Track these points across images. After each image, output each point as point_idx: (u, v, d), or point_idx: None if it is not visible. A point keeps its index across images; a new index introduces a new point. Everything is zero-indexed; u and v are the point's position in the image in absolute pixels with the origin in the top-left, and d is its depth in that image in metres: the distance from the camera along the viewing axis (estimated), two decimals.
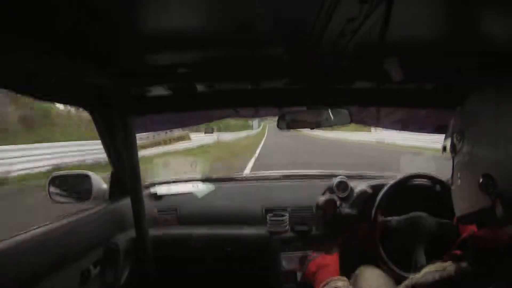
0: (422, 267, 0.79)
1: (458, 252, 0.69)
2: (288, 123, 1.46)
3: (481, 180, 0.66)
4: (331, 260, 1.25)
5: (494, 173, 0.65)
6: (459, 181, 0.75)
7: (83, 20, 0.76)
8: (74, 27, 0.76)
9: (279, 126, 1.48)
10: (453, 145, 0.76)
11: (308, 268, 1.26)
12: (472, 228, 1.03)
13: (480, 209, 0.69)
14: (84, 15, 0.74)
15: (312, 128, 1.48)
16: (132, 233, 1.45)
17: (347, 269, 1.35)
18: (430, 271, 0.71)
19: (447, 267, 0.68)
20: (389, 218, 1.45)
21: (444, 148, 0.80)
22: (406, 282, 0.75)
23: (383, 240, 1.42)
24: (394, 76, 0.93)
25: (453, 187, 0.78)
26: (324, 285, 1.09)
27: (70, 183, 1.59)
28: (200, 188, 1.81)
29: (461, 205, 0.76)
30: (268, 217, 1.64)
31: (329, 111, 1.43)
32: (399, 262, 1.37)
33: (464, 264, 0.67)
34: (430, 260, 0.82)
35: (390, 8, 0.71)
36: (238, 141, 20.76)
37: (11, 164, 8.20)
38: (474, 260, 0.65)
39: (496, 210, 0.64)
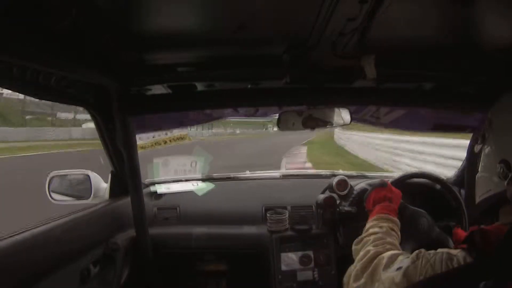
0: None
1: (464, 246, 0.70)
2: (287, 123, 1.46)
3: (498, 166, 0.69)
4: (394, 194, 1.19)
5: (510, 159, 0.68)
6: (481, 169, 0.78)
7: (83, 19, 0.76)
8: (74, 26, 0.76)
9: (279, 126, 1.48)
10: (483, 135, 0.79)
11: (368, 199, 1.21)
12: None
13: (495, 194, 0.71)
14: (84, 14, 0.75)
15: (312, 128, 1.48)
16: (132, 232, 1.46)
17: (348, 267, 1.35)
18: (442, 251, 0.72)
19: (458, 253, 0.70)
20: None
21: (471, 143, 0.83)
22: (417, 252, 0.76)
23: None
24: (368, 74, 0.95)
25: (477, 176, 0.80)
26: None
27: (70, 182, 1.60)
28: (200, 187, 1.81)
29: (480, 191, 0.78)
30: (268, 216, 1.65)
31: (329, 110, 1.43)
32: None
33: (472, 255, 0.68)
34: None
35: (376, 8, 0.72)
36: None
37: None
38: (479, 254, 0.66)
39: (507, 193, 0.67)
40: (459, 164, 1.76)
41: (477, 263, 0.66)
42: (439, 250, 0.74)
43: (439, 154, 6.53)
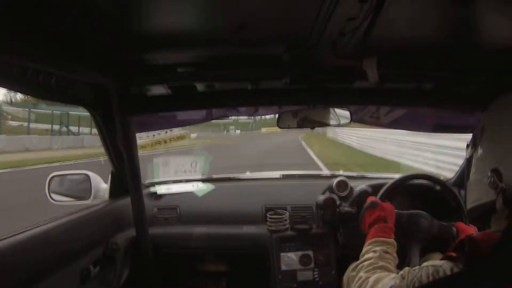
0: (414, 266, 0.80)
1: (453, 254, 0.70)
2: (287, 123, 1.46)
3: (489, 174, 0.68)
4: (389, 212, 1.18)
5: (502, 168, 0.67)
6: (472, 175, 0.77)
7: (83, 19, 0.76)
8: (74, 26, 0.76)
9: (279, 125, 1.48)
10: (474, 141, 0.78)
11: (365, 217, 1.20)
12: (473, 231, 1.02)
13: (485, 203, 0.71)
14: (84, 14, 0.75)
15: (312, 128, 1.48)
16: (132, 232, 1.46)
17: (347, 267, 1.35)
18: (427, 265, 0.72)
19: (443, 264, 0.70)
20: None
21: (468, 145, 0.82)
22: (402, 273, 0.76)
23: None
24: (370, 77, 0.95)
25: (467, 182, 0.79)
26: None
27: (70, 183, 1.60)
28: (200, 188, 1.81)
29: (471, 198, 0.78)
30: (268, 216, 1.65)
31: (329, 110, 1.44)
32: None
33: (459, 265, 0.68)
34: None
35: (376, 7, 0.71)
36: None
37: None
38: (468, 262, 0.66)
39: (497, 203, 0.66)
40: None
41: (467, 271, 0.66)
42: (424, 264, 0.74)
43: None
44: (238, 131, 44.60)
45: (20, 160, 12.76)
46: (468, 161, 0.80)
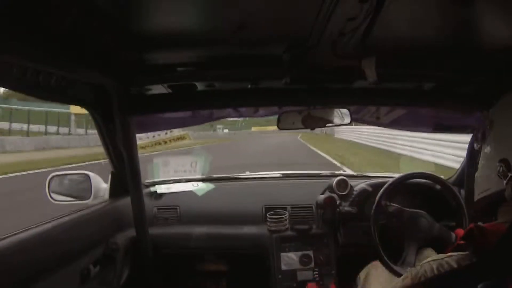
0: (409, 265, 0.79)
1: (463, 242, 0.70)
2: (287, 123, 1.46)
3: (498, 165, 0.69)
4: None
5: (511, 158, 0.68)
6: (481, 169, 0.78)
7: (83, 19, 0.76)
8: (74, 26, 0.76)
9: (279, 126, 1.48)
10: (483, 134, 0.79)
11: None
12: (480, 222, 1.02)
13: (494, 193, 0.72)
14: (84, 14, 0.75)
15: (312, 128, 1.48)
16: (132, 232, 1.46)
17: (348, 267, 1.35)
18: (428, 261, 0.72)
19: (446, 258, 0.70)
20: (394, 204, 1.43)
21: (472, 142, 0.82)
22: (404, 276, 0.76)
23: (380, 235, 1.41)
24: (369, 76, 0.95)
25: (476, 174, 0.80)
26: None
27: (70, 183, 1.60)
28: (200, 187, 1.81)
29: (479, 189, 0.78)
30: (268, 216, 1.65)
31: (330, 110, 1.44)
32: (391, 257, 1.36)
33: (465, 254, 0.67)
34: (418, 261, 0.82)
35: (376, 7, 0.72)
36: None
37: None
38: (476, 251, 0.66)
39: (506, 192, 0.67)
40: None
41: (473, 262, 0.66)
42: (426, 260, 0.74)
43: None
44: (226, 130, 42.16)
45: None
46: (471, 156, 0.80)
